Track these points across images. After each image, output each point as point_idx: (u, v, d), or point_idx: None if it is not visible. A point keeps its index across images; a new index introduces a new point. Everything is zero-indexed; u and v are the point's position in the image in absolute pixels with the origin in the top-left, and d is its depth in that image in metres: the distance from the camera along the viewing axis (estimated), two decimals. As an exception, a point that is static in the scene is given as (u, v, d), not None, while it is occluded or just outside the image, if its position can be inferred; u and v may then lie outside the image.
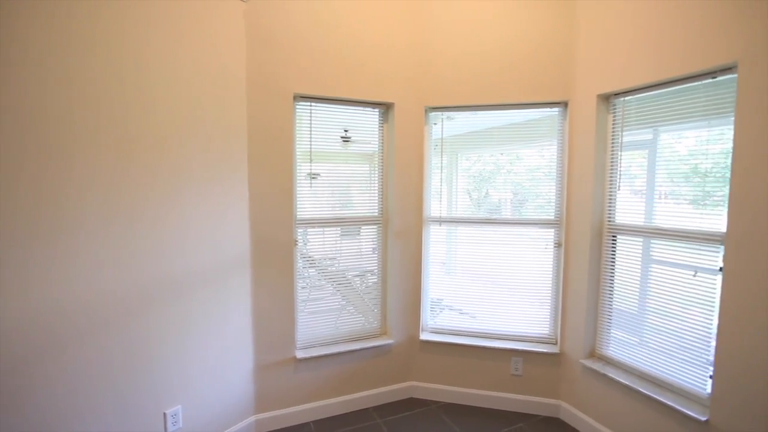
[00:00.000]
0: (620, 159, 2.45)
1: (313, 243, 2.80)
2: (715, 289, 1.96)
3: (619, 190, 2.47)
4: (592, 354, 2.62)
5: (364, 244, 2.95)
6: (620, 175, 2.46)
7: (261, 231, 2.51)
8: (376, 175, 2.91)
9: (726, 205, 1.85)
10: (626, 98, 2.38)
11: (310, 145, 2.68)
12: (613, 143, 2.48)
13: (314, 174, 2.73)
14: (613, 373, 2.39)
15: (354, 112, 2.79)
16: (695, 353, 2.06)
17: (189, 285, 2.18)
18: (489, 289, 2.97)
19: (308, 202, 2.72)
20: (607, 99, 2.48)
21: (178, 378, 2.17)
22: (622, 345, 2.45)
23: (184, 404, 2.20)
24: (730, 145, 1.84)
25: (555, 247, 2.79)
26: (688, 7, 1.97)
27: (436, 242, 3.03)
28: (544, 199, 2.81)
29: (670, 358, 2.18)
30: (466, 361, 2.92)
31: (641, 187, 2.36)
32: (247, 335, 2.50)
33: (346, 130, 2.79)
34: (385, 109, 2.86)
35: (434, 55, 2.80)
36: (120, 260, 1.91)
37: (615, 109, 2.45)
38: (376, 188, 2.92)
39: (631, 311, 2.41)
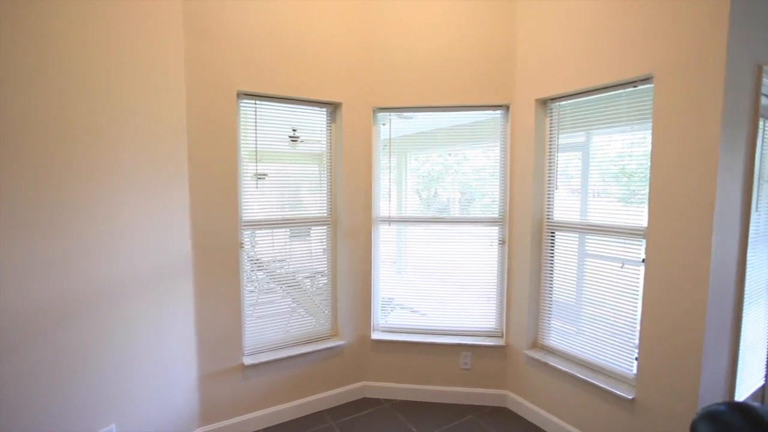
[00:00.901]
0: (557, 160, 2.60)
1: (262, 245, 2.71)
2: (639, 278, 2.14)
3: (557, 189, 2.63)
4: (535, 344, 2.77)
5: (314, 245, 2.90)
6: (557, 175, 2.62)
7: (204, 234, 2.39)
8: (326, 176, 2.88)
9: (647, 202, 2.04)
10: (561, 103, 2.53)
11: (256, 144, 2.60)
12: (550, 145, 2.63)
13: (261, 174, 2.64)
14: (553, 362, 2.54)
15: (302, 112, 2.74)
16: (623, 338, 2.25)
17: (125, 292, 2.02)
18: (438, 287, 3.05)
19: (255, 203, 2.63)
20: (545, 103, 2.63)
21: (113, 393, 2.01)
22: (562, 334, 2.61)
23: (120, 422, 2.04)
24: (650, 147, 2.02)
25: (499, 244, 2.91)
26: (612, 21, 2.14)
27: (386, 242, 3.05)
28: (490, 198, 2.93)
29: (603, 344, 2.35)
30: (418, 358, 2.97)
31: (577, 186, 2.53)
32: (191, 343, 2.37)
33: (294, 130, 2.73)
34: (333, 108, 2.83)
35: (382, 55, 2.82)
36: (43, 268, 1.74)
37: (552, 113, 2.61)
38: (326, 188, 2.89)
39: (569, 302, 2.58)
